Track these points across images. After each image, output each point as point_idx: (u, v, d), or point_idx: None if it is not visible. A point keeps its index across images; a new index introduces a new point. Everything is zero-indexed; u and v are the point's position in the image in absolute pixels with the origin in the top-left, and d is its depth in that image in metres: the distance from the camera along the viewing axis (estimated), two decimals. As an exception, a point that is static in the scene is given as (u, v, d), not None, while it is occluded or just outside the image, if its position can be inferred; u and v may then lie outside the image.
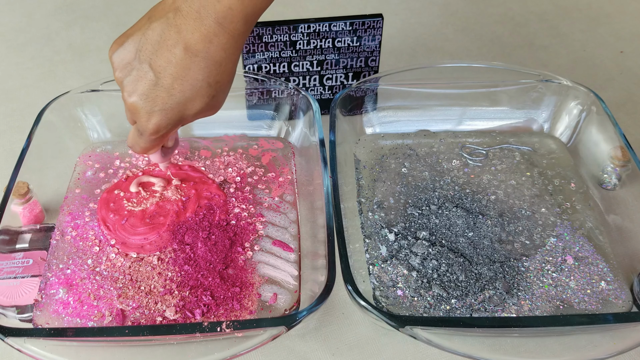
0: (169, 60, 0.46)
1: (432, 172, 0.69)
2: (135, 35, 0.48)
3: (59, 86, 0.83)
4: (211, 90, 0.48)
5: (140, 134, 0.51)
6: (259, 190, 0.67)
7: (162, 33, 0.46)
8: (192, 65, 0.46)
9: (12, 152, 0.73)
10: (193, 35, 0.45)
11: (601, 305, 0.56)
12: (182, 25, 0.46)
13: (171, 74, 0.46)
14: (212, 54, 0.46)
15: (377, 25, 0.71)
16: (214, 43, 0.46)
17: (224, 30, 0.46)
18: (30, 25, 0.95)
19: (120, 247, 0.60)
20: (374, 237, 0.61)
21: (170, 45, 0.46)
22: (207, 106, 0.49)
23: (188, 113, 0.48)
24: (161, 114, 0.48)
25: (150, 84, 0.47)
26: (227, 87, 0.50)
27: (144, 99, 0.47)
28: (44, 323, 0.54)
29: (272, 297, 0.56)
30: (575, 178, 0.68)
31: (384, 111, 0.75)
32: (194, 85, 0.47)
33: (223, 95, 0.50)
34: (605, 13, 0.99)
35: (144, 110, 0.48)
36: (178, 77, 0.46)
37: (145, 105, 0.48)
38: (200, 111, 0.49)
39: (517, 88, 0.74)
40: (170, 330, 0.48)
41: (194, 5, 0.45)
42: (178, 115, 0.48)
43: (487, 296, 0.56)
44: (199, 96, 0.47)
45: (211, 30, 0.45)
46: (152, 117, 0.48)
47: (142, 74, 0.47)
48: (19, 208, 0.61)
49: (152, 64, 0.47)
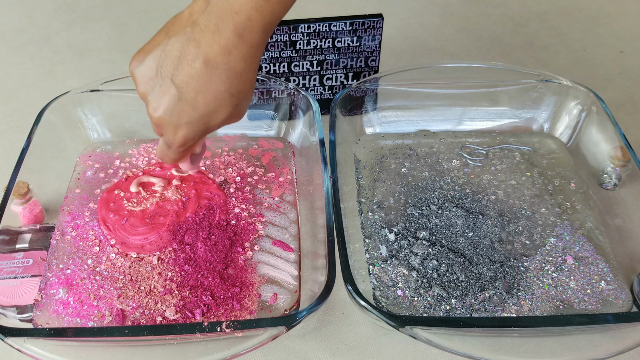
0: (190, 74, 0.46)
1: (432, 172, 0.69)
2: (155, 52, 0.48)
3: (59, 86, 0.83)
4: (234, 99, 0.48)
5: (169, 146, 0.52)
6: (259, 190, 0.67)
7: (181, 48, 0.46)
8: (213, 78, 0.46)
9: (12, 152, 0.73)
10: (212, 48, 0.45)
11: (601, 305, 0.56)
12: (201, 39, 0.46)
13: (194, 88, 0.47)
14: (232, 65, 0.46)
15: (377, 25, 0.71)
16: (233, 54, 0.46)
17: (243, 41, 0.45)
18: (30, 25, 0.95)
19: (120, 247, 0.60)
20: (374, 237, 0.61)
21: (190, 60, 0.46)
22: (231, 115, 0.49)
23: (213, 123, 0.49)
24: (187, 127, 0.49)
25: (174, 99, 0.47)
26: (249, 95, 0.50)
27: (169, 113, 0.48)
28: (44, 323, 0.54)
29: (272, 297, 0.56)
30: (575, 178, 0.68)
31: (384, 111, 0.75)
32: (216, 97, 0.47)
33: (246, 102, 0.50)
34: (605, 13, 0.99)
35: (170, 124, 0.49)
36: (200, 90, 0.47)
37: (171, 119, 0.48)
38: (224, 120, 0.49)
39: (517, 88, 0.74)
40: (170, 330, 0.48)
41: (212, 19, 0.45)
42: (204, 126, 0.49)
43: (487, 296, 0.56)
44: (223, 106, 0.48)
45: (230, 42, 0.45)
46: (178, 130, 0.49)
47: (165, 90, 0.48)
48: (19, 208, 0.61)
49: (174, 80, 0.47)
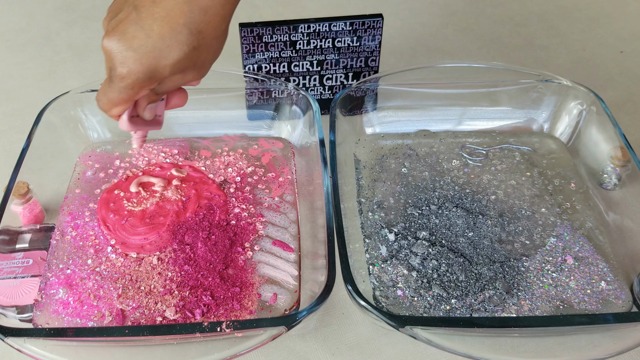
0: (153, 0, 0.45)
1: (432, 172, 0.69)
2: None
3: (59, 86, 0.83)
4: (192, 38, 0.45)
5: (110, 80, 0.47)
6: (259, 190, 0.67)
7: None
8: (175, 7, 0.44)
9: (12, 152, 0.73)
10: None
11: (601, 305, 0.56)
12: None
13: (152, 14, 0.44)
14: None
15: (377, 25, 0.71)
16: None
17: None
18: (30, 25, 0.95)
19: (120, 247, 0.60)
20: (374, 237, 0.61)
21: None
22: (187, 59, 0.46)
23: (164, 62, 0.45)
24: (135, 56, 0.45)
25: (130, 22, 0.45)
26: (212, 44, 0.47)
27: (120, 37, 0.45)
28: (44, 323, 0.54)
29: (272, 297, 0.56)
30: (575, 178, 0.68)
31: (384, 111, 0.75)
32: (173, 29, 0.44)
33: (207, 53, 0.47)
34: (605, 13, 0.99)
35: (118, 51, 0.45)
36: (158, 17, 0.44)
37: (119, 45, 0.45)
38: (177, 63, 0.46)
39: (517, 88, 0.74)
40: (170, 330, 0.48)
41: None
42: (153, 62, 0.45)
43: (487, 296, 0.56)
44: (178, 43, 0.45)
45: None
46: (125, 58, 0.45)
47: (126, 15, 0.46)
48: (19, 208, 0.61)
49: (137, 4, 0.45)
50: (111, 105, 0.49)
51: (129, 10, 0.46)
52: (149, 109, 0.52)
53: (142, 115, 0.53)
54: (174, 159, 0.70)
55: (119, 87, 0.47)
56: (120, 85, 0.47)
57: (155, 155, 0.70)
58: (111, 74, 0.47)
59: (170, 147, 0.71)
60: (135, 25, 0.45)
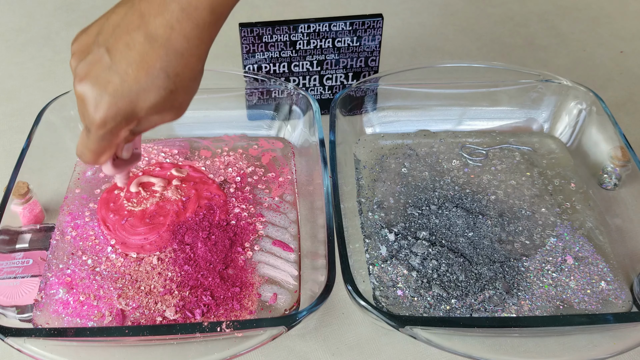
0: (127, 44, 0.43)
1: (432, 172, 0.69)
2: (100, 20, 0.46)
3: (59, 86, 0.83)
4: (169, 82, 0.44)
5: (88, 131, 0.46)
6: (259, 190, 0.67)
7: (124, 17, 0.44)
8: (150, 52, 0.43)
9: (12, 152, 0.73)
10: (155, 20, 0.42)
11: (601, 305, 0.56)
12: (146, 10, 0.43)
13: (126, 59, 0.43)
14: (173, 42, 0.43)
15: (377, 25, 0.71)
16: (176, 30, 0.42)
17: (188, 18, 0.42)
18: (30, 25, 0.95)
19: (120, 247, 0.60)
20: (374, 237, 0.61)
21: (131, 29, 0.43)
22: (164, 102, 0.44)
23: (141, 105, 0.44)
24: (110, 102, 0.43)
25: (103, 67, 0.43)
26: (189, 86, 0.45)
27: (93, 82, 0.43)
28: (44, 323, 0.54)
29: (272, 297, 0.56)
30: (575, 178, 0.68)
31: (384, 111, 0.75)
32: (149, 73, 0.43)
33: (184, 94, 0.46)
34: (605, 13, 0.99)
35: (92, 97, 0.44)
36: (133, 62, 0.43)
37: (93, 91, 0.43)
38: (154, 106, 0.44)
39: (517, 88, 0.74)
40: (170, 330, 0.48)
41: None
42: (129, 106, 0.44)
43: (487, 296, 0.56)
44: (155, 87, 0.43)
45: (174, 16, 0.42)
46: (100, 105, 0.44)
47: (97, 58, 0.44)
48: (19, 208, 0.61)
49: (108, 47, 0.43)
50: (96, 156, 0.48)
51: (100, 54, 0.44)
52: (126, 148, 0.53)
53: (121, 156, 0.53)
54: (174, 159, 0.70)
55: (99, 136, 0.46)
56: (99, 134, 0.45)
57: (155, 155, 0.70)
58: (87, 123, 0.46)
59: (170, 147, 0.71)
60: (109, 70, 0.43)
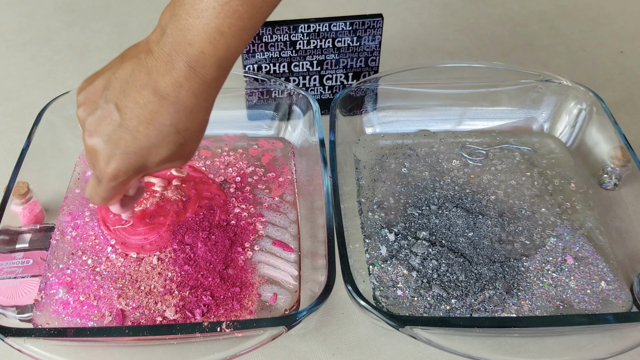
0: (136, 101, 0.44)
1: (432, 172, 0.69)
2: (106, 74, 0.46)
3: (59, 86, 0.83)
4: (179, 137, 0.45)
5: (99, 181, 0.47)
6: (259, 190, 0.67)
7: (132, 73, 0.44)
8: (160, 109, 0.43)
9: (12, 152, 0.73)
10: (163, 79, 0.43)
11: (601, 305, 0.56)
12: (153, 67, 0.43)
13: (137, 116, 0.44)
14: (182, 99, 0.44)
15: (377, 25, 0.71)
16: (184, 88, 0.43)
17: (195, 75, 0.43)
18: (30, 25, 0.95)
19: (120, 247, 0.60)
20: (374, 237, 0.61)
21: (139, 87, 0.44)
22: (174, 155, 0.46)
23: (152, 160, 0.45)
24: (122, 158, 0.45)
25: (114, 124, 0.44)
26: (197, 137, 0.47)
27: (105, 139, 0.45)
28: (44, 323, 0.54)
29: (272, 297, 0.56)
30: (575, 178, 0.68)
31: (384, 111, 0.75)
32: (160, 130, 0.44)
33: (192, 144, 0.47)
34: (605, 13, 0.99)
35: (104, 152, 0.45)
36: (144, 120, 0.44)
37: (106, 147, 0.45)
38: (165, 159, 0.46)
39: (517, 88, 0.74)
40: (170, 330, 0.48)
41: (166, 48, 0.43)
42: (140, 160, 0.45)
43: (487, 296, 0.56)
44: (165, 142, 0.45)
45: (182, 74, 0.43)
46: (112, 160, 0.45)
47: (107, 114, 0.45)
48: (19, 208, 0.61)
49: (118, 104, 0.44)
50: (106, 202, 0.50)
51: (110, 110, 0.44)
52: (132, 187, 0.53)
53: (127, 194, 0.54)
54: (174, 159, 0.70)
55: (109, 187, 0.47)
56: (110, 185, 0.47)
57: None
58: (97, 172, 0.47)
59: (170, 147, 0.71)
60: (120, 128, 0.44)
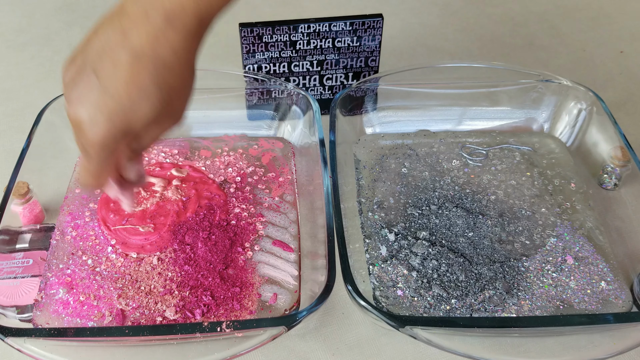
0: (114, 64, 0.42)
1: (432, 172, 0.69)
2: (82, 46, 0.45)
3: (59, 86, 0.82)
4: (162, 93, 0.43)
5: (88, 156, 0.45)
6: (259, 190, 0.67)
7: (107, 38, 0.43)
8: (139, 68, 0.42)
9: (12, 152, 0.73)
10: (139, 36, 0.41)
11: (601, 305, 0.56)
12: (128, 26, 0.42)
13: (116, 78, 0.42)
14: (160, 55, 0.42)
15: (377, 25, 0.71)
16: (161, 42, 0.41)
17: (173, 29, 0.41)
18: (30, 25, 0.95)
19: (121, 247, 0.60)
20: (374, 237, 0.61)
21: (115, 48, 0.42)
22: (160, 114, 0.44)
23: (137, 121, 0.43)
24: (106, 121, 0.42)
25: (94, 91, 0.42)
26: (182, 93, 0.45)
27: (87, 107, 0.43)
28: (44, 323, 0.54)
29: (272, 297, 0.56)
30: (575, 178, 0.68)
31: (384, 111, 0.75)
32: (141, 89, 0.42)
33: (179, 101, 0.45)
34: (605, 13, 0.99)
35: (88, 120, 0.43)
36: (123, 80, 0.42)
37: (89, 114, 0.43)
38: (152, 120, 0.44)
39: (517, 88, 0.74)
40: (170, 330, 0.48)
41: (141, 5, 0.41)
42: (125, 121, 0.43)
43: (487, 296, 0.56)
44: (148, 100, 0.42)
45: (158, 28, 0.41)
46: (96, 127, 0.43)
47: (86, 82, 0.43)
48: (19, 208, 0.61)
49: (96, 70, 0.42)
50: (97, 178, 0.47)
51: (89, 77, 0.43)
52: (131, 169, 0.51)
53: (126, 176, 0.51)
54: (174, 159, 0.70)
55: (97, 156, 0.44)
56: (97, 153, 0.44)
57: (155, 155, 0.70)
58: (85, 147, 0.44)
59: (170, 147, 0.71)
60: (101, 92, 0.42)
